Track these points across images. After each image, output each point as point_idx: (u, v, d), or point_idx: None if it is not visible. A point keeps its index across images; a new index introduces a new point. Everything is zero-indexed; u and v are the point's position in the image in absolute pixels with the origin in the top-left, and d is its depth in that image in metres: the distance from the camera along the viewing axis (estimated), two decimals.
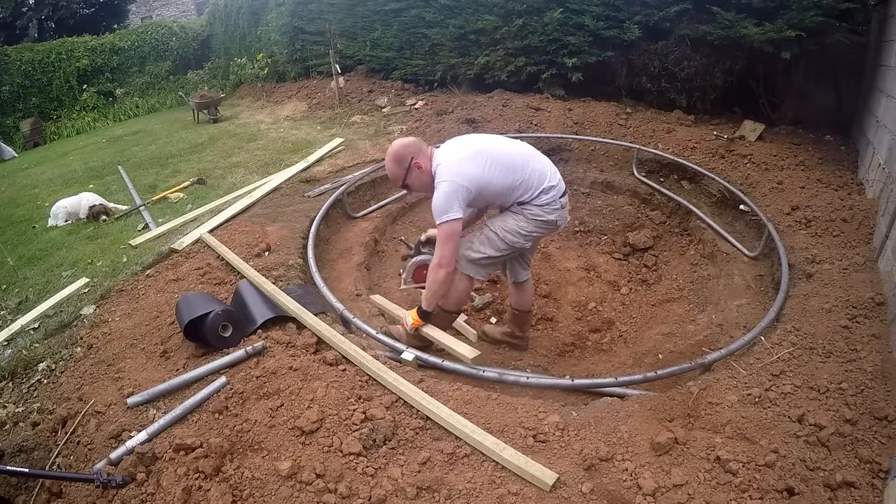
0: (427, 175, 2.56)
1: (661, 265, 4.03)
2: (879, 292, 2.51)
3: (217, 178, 5.50)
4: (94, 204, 4.83)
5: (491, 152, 2.55)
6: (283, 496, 1.77)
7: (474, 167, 2.49)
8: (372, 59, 8.00)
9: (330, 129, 6.81)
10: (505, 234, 2.64)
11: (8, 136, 11.10)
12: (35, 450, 2.17)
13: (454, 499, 1.75)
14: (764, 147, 4.36)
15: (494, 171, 2.50)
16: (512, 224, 2.64)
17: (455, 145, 2.64)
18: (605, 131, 5.10)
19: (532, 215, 2.62)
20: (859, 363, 2.13)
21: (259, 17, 10.52)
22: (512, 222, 2.64)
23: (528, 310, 3.17)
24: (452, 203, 2.43)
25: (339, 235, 4.13)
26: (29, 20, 15.19)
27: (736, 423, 1.93)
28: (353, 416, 2.04)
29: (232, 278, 3.17)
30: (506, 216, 2.68)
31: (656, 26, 5.01)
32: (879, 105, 3.71)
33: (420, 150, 2.58)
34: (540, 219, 2.62)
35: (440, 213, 2.45)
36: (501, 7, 5.88)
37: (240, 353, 2.38)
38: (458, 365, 2.48)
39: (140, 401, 2.22)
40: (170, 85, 12.69)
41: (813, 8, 4.05)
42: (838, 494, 1.66)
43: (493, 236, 2.66)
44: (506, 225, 2.65)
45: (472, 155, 2.53)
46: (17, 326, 3.13)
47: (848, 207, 3.34)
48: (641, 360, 3.09)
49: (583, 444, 1.91)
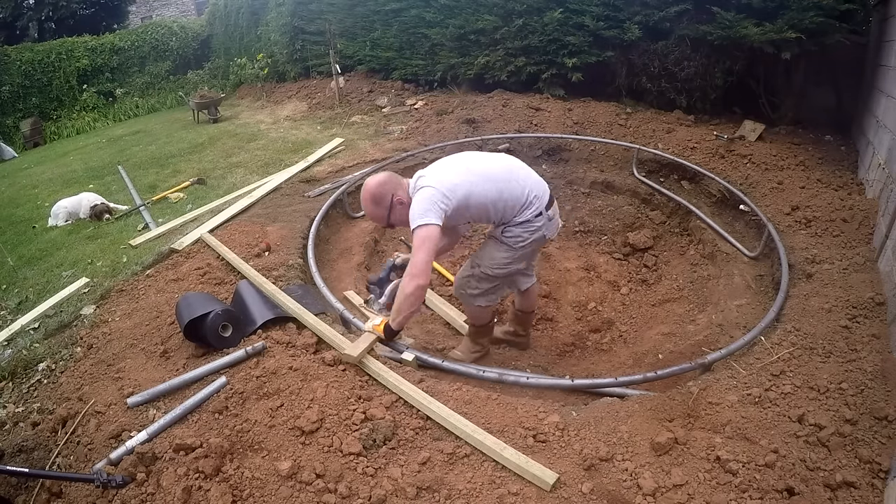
0: (408, 208, 2.38)
1: (661, 265, 4.03)
2: (879, 292, 2.51)
3: (217, 178, 5.50)
4: (97, 203, 4.84)
5: (471, 164, 2.50)
6: (283, 496, 1.77)
7: (456, 176, 2.40)
8: (372, 59, 8.00)
9: (330, 129, 6.81)
10: (493, 269, 2.61)
11: (8, 136, 11.10)
12: (35, 450, 2.17)
13: (454, 499, 1.75)
14: (764, 147, 4.35)
15: (476, 180, 2.41)
16: (498, 257, 2.59)
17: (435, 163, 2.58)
18: (605, 131, 5.10)
19: (514, 241, 2.54)
20: (859, 363, 2.13)
21: (259, 17, 10.53)
22: (497, 255, 2.60)
23: (531, 310, 3.17)
24: (430, 207, 2.28)
25: (339, 235, 4.13)
26: (29, 20, 15.18)
27: (736, 423, 1.93)
28: (353, 416, 2.04)
29: (232, 278, 3.17)
30: (489, 248, 2.63)
31: (656, 26, 5.01)
32: (879, 105, 3.71)
33: (398, 184, 2.46)
34: (524, 241, 2.54)
35: (416, 216, 2.27)
36: (501, 7, 5.88)
37: (240, 353, 2.38)
38: (458, 365, 2.48)
39: (140, 401, 2.22)
40: (170, 85, 12.70)
41: (813, 8, 4.05)
42: (838, 494, 1.66)
43: (482, 274, 2.63)
44: (492, 259, 2.61)
45: (454, 166, 2.47)
46: (17, 326, 3.13)
47: (848, 207, 3.34)
48: (641, 360, 3.09)
49: (583, 444, 1.91)
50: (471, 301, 2.76)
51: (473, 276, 2.68)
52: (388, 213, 2.44)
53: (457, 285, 2.83)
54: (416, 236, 2.27)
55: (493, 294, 2.76)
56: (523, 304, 3.08)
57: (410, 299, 2.30)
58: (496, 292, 2.77)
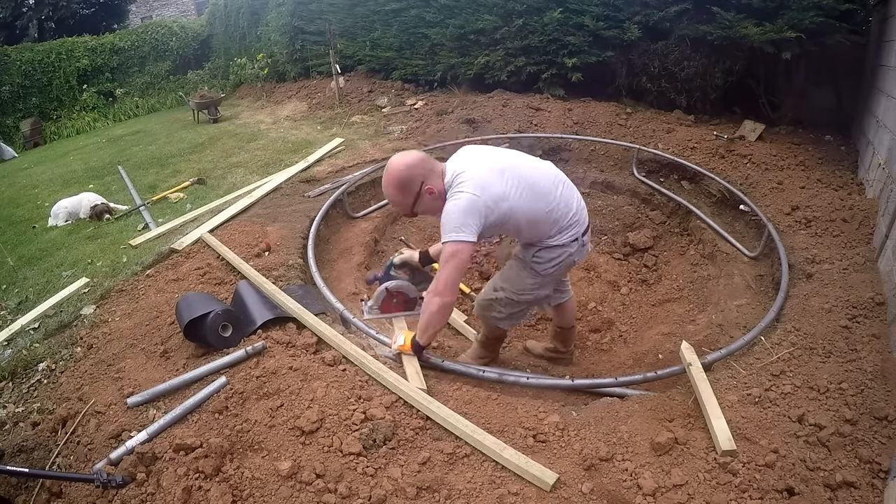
0: (441, 200, 2.10)
1: (661, 265, 4.03)
2: (879, 292, 2.51)
3: (217, 178, 5.50)
4: (97, 203, 4.84)
5: (519, 170, 2.14)
6: (283, 496, 1.77)
7: (503, 186, 2.07)
8: (372, 59, 8.00)
9: (330, 129, 6.81)
10: (518, 295, 2.42)
11: (8, 136, 11.09)
12: (35, 450, 2.17)
13: (454, 499, 1.75)
14: (764, 147, 4.36)
15: (522, 194, 2.09)
16: (525, 283, 2.37)
17: (476, 155, 2.20)
18: (605, 131, 5.10)
19: (542, 268, 2.30)
20: (859, 363, 2.13)
21: (259, 17, 10.52)
22: (523, 281, 2.37)
23: (570, 326, 2.91)
24: (468, 220, 1.99)
25: (339, 235, 4.13)
26: (29, 20, 15.18)
27: (736, 423, 1.93)
28: (353, 416, 2.04)
29: (232, 278, 3.17)
30: (515, 272, 2.41)
31: (656, 26, 5.01)
32: (879, 105, 3.71)
33: (430, 169, 2.10)
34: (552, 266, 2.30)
35: (451, 228, 2.00)
36: (501, 7, 5.88)
37: (240, 353, 2.38)
38: (458, 365, 2.48)
39: (140, 401, 2.22)
40: (170, 85, 12.69)
41: (813, 8, 4.05)
42: (838, 494, 1.66)
43: (506, 299, 2.43)
44: (518, 285, 2.39)
45: (499, 170, 2.11)
46: (17, 326, 3.13)
47: (848, 207, 3.34)
48: (641, 360, 3.09)
49: (583, 444, 1.91)
50: (493, 323, 2.56)
51: (497, 300, 2.46)
52: (415, 201, 2.12)
53: (479, 307, 2.61)
54: (447, 249, 2.03)
55: (519, 317, 2.58)
56: (560, 320, 2.86)
57: (437, 317, 2.13)
58: (523, 315, 2.61)
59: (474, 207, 2.00)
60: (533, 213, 2.14)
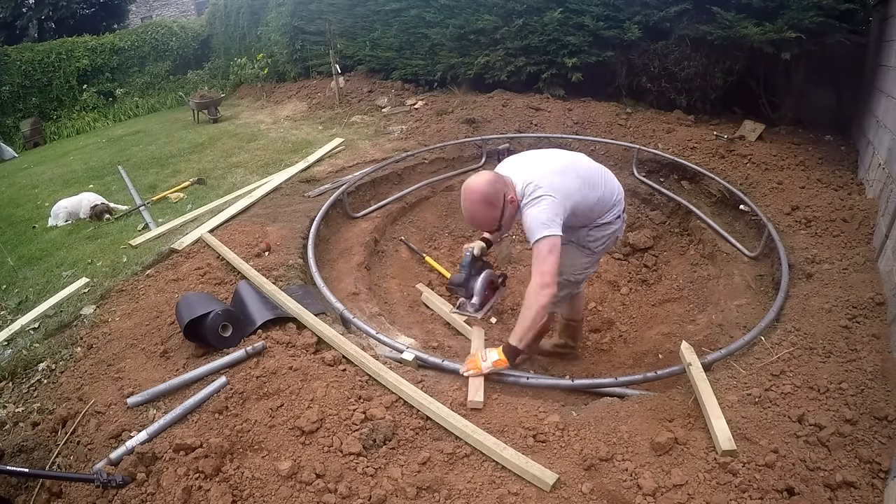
0: (516, 210, 2.28)
1: (661, 265, 4.03)
2: (879, 292, 2.51)
3: (217, 178, 5.50)
4: (97, 203, 4.84)
5: (576, 169, 2.38)
6: (283, 496, 1.77)
7: (568, 183, 2.29)
8: (372, 59, 8.00)
9: (330, 129, 6.81)
10: (574, 275, 2.62)
11: (8, 136, 11.09)
12: (35, 450, 2.17)
13: (454, 499, 1.75)
14: (764, 147, 4.36)
15: (582, 189, 2.33)
16: (580, 263, 2.60)
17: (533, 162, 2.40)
18: (605, 131, 5.10)
19: (595, 245, 2.55)
20: (859, 363, 2.13)
21: (259, 17, 10.52)
22: (579, 261, 2.60)
23: (580, 318, 3.08)
24: (554, 218, 2.18)
25: (339, 235, 4.13)
26: (29, 20, 15.17)
27: (736, 423, 1.93)
28: (353, 416, 2.04)
29: (232, 278, 3.17)
30: (571, 254, 2.57)
31: (656, 26, 5.01)
32: (879, 105, 3.71)
33: (506, 183, 2.27)
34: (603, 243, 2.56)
35: (542, 226, 2.16)
36: (501, 7, 5.88)
37: (240, 353, 2.38)
38: (457, 365, 2.47)
39: (140, 401, 2.22)
40: (170, 85, 12.69)
41: (813, 8, 4.05)
42: (838, 494, 1.66)
43: (564, 282, 2.58)
44: (574, 266, 2.60)
45: (563, 169, 2.34)
46: (17, 326, 3.13)
47: (848, 207, 3.34)
48: (641, 360, 3.09)
49: (583, 444, 1.91)
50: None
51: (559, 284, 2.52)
52: (501, 214, 2.25)
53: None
54: (543, 246, 2.16)
55: (565, 301, 2.75)
56: (573, 312, 2.98)
57: (543, 311, 2.23)
58: (567, 299, 2.76)
59: (555, 206, 2.21)
60: (590, 201, 2.41)
